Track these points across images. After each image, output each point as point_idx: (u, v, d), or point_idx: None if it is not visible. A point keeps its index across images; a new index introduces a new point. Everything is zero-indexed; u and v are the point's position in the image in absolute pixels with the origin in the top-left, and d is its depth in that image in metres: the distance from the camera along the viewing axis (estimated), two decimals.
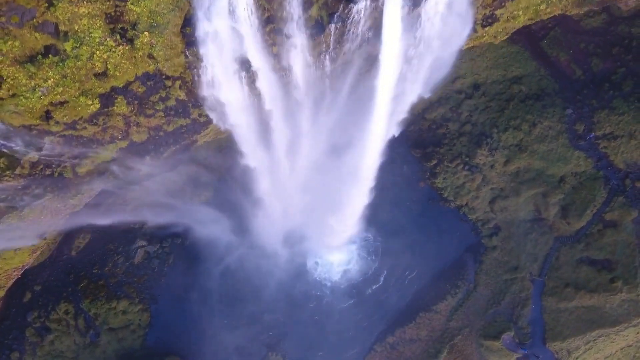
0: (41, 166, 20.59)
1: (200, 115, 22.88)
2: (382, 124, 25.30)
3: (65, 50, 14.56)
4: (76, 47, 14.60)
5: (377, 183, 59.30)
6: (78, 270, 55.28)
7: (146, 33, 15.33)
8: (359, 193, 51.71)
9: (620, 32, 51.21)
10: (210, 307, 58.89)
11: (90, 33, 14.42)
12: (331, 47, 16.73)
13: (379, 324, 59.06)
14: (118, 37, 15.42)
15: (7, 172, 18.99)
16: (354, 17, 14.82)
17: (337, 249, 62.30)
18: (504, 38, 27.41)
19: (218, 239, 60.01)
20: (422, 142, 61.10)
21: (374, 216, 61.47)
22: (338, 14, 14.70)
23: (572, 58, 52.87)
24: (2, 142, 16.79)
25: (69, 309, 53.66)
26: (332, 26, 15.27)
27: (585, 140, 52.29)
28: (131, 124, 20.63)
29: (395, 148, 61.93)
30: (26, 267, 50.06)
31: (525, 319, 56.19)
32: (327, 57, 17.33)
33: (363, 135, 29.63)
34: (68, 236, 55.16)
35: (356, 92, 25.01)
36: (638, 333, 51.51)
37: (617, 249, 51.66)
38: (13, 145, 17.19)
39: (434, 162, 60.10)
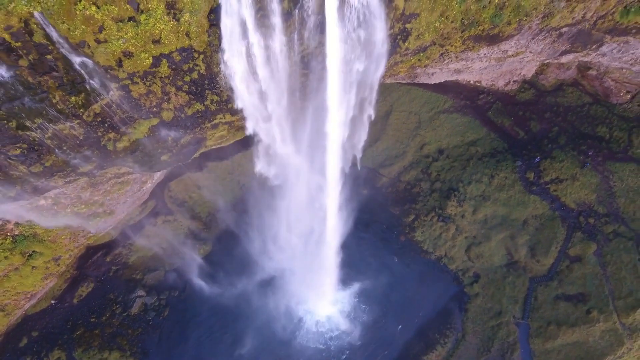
0: (100, 119, 28.53)
1: (212, 102, 31.79)
2: (337, 112, 33.15)
3: (140, 20, 24.57)
4: (147, 18, 24.73)
5: (359, 241, 64.96)
6: (76, 318, 57.29)
7: (187, 14, 25.44)
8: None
9: (548, 101, 63.95)
10: None
11: (155, 11, 24.57)
12: (296, 28, 26.61)
13: None
14: (171, 16, 25.48)
15: (81, 110, 26.88)
16: (307, 6, 25.06)
17: (325, 305, 64.44)
18: (428, 62, 37.33)
19: (214, 293, 63.05)
20: (400, 200, 68.92)
21: (358, 272, 65.48)
22: (299, 4, 25.14)
23: (514, 123, 64.60)
24: (88, 78, 25.47)
25: (62, 356, 54.23)
26: (296, 12, 25.61)
27: (537, 186, 60.41)
28: (164, 97, 29.26)
29: (376, 208, 69.72)
30: (32, 302, 52.92)
31: None
32: (296, 36, 27.08)
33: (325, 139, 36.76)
34: (73, 284, 58.78)
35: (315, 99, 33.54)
36: None
37: (587, 282, 55.22)
38: (94, 82, 25.75)
39: (412, 217, 66.94)
